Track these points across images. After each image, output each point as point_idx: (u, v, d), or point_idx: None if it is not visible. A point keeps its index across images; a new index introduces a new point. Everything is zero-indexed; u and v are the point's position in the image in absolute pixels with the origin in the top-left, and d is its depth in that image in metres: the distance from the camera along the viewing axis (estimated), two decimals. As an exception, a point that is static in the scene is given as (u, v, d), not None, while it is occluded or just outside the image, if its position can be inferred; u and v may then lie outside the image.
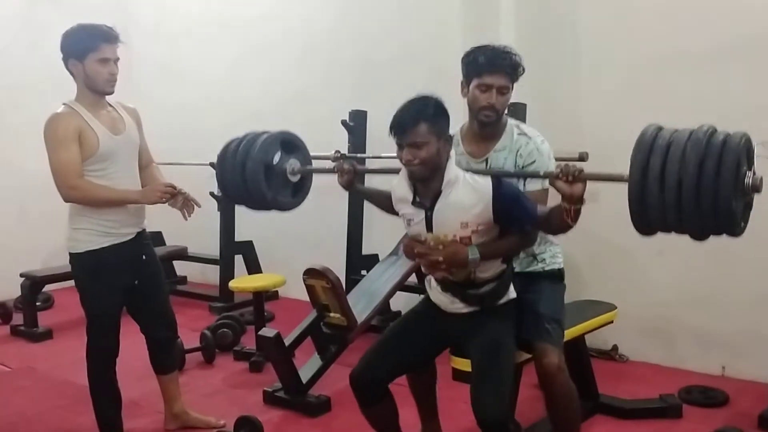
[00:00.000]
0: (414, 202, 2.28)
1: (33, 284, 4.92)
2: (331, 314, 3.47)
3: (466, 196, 2.19)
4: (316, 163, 3.18)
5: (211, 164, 5.17)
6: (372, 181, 2.79)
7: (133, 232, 2.90)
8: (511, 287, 2.36)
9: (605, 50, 3.93)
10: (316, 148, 3.54)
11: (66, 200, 2.76)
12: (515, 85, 2.44)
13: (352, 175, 2.62)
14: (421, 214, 2.26)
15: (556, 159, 2.53)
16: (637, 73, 3.79)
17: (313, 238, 5.33)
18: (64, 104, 2.80)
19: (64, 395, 3.71)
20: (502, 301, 2.34)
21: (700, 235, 2.00)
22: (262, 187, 2.84)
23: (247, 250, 5.48)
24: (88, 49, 2.71)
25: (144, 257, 2.97)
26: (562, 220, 2.10)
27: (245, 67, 5.76)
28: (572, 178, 2.03)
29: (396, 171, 2.39)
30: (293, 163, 2.97)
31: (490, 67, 2.35)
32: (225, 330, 4.29)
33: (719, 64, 3.51)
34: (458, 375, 2.57)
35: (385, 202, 2.51)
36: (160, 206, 2.93)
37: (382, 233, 4.71)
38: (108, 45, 2.75)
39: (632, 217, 2.00)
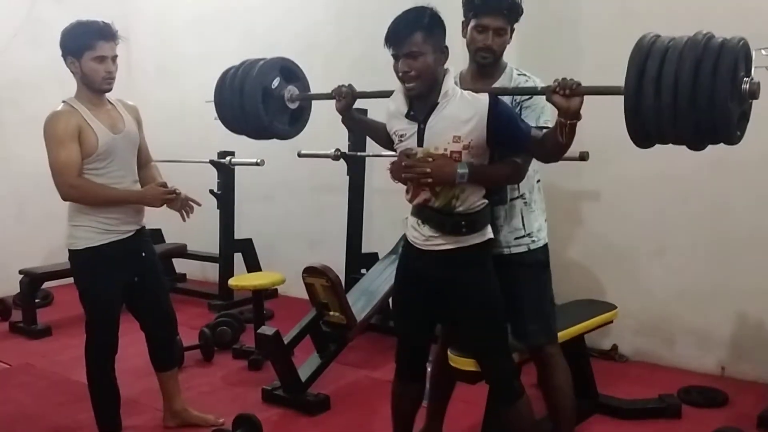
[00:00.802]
0: (408, 115, 2.24)
1: (32, 281, 4.92)
2: (331, 313, 3.47)
3: (461, 110, 2.16)
4: (321, 166, 3.15)
5: (211, 161, 5.20)
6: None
7: (132, 230, 2.89)
8: (489, 228, 2.28)
9: (605, 51, 3.89)
10: (317, 147, 3.57)
11: (65, 199, 2.75)
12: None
13: (350, 98, 2.55)
14: (413, 128, 2.22)
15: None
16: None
17: (313, 237, 5.33)
18: (63, 102, 2.79)
19: (63, 392, 3.70)
20: (478, 237, 2.25)
21: (696, 141, 1.96)
22: (260, 110, 2.79)
23: (247, 248, 5.48)
24: (84, 47, 2.69)
25: (143, 254, 2.96)
26: (556, 140, 2.08)
27: (246, 65, 5.75)
28: (569, 91, 2.02)
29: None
30: (292, 90, 2.92)
31: (487, 8, 2.30)
32: (224, 328, 4.28)
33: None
34: (458, 375, 2.56)
35: (379, 133, 2.47)
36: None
37: (381, 232, 4.71)
38: (105, 42, 2.72)
39: (628, 125, 1.97)
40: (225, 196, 5.33)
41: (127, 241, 2.86)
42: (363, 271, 4.49)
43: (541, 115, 2.34)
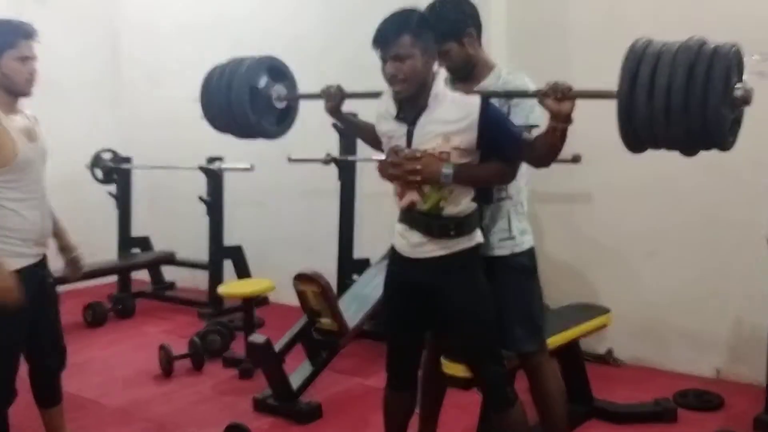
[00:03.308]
0: (397, 117, 2.21)
1: None
2: (322, 320, 3.44)
3: (451, 112, 2.13)
4: (313, 171, 3.12)
5: (200, 168, 5.16)
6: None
7: (41, 253, 2.60)
8: (478, 231, 2.26)
9: (596, 53, 3.91)
10: (307, 152, 3.55)
11: None
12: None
13: (339, 99, 2.53)
14: (402, 129, 2.19)
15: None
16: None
17: (304, 243, 5.29)
18: None
19: None
20: (467, 241, 2.21)
21: (688, 146, 1.95)
22: (247, 109, 2.74)
23: (237, 254, 5.43)
24: (5, 45, 2.46)
25: (49, 282, 2.66)
26: (548, 143, 2.07)
27: (234, 71, 5.72)
28: (561, 95, 2.01)
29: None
30: (279, 89, 2.88)
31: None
32: (214, 336, 4.23)
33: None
34: (451, 381, 2.53)
35: (369, 133, 2.44)
36: (147, 209, 2.85)
37: (373, 237, 4.68)
38: (27, 42, 2.51)
39: (620, 130, 1.96)
40: (214, 203, 5.29)
41: (36, 266, 2.55)
42: (355, 277, 4.47)
43: (530, 114, 2.31)
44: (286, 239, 5.43)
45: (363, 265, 4.51)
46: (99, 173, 5.80)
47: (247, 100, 2.74)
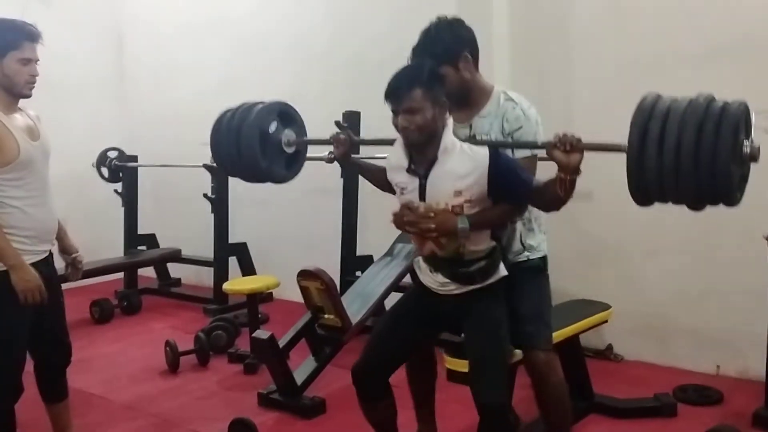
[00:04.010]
0: (409, 170, 2.25)
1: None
2: (326, 316, 3.46)
3: (461, 165, 2.16)
4: (314, 171, 3.14)
5: (204, 165, 5.19)
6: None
7: (47, 250, 2.63)
8: (501, 265, 2.31)
9: (599, 49, 3.94)
10: (310, 150, 3.52)
11: None
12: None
13: (347, 145, 2.55)
14: (414, 182, 2.23)
15: (547, 160, 2.52)
16: (631, 72, 3.79)
17: (308, 240, 5.33)
18: None
19: None
20: (493, 279, 2.28)
21: (696, 202, 1.97)
22: (257, 154, 2.76)
23: (241, 251, 5.47)
24: (9, 47, 2.48)
25: (53, 279, 2.67)
26: (556, 193, 2.06)
27: (239, 69, 5.75)
28: (569, 147, 2.00)
29: (391, 142, 2.36)
30: (289, 134, 2.91)
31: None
32: (219, 332, 4.27)
33: (713, 63, 3.51)
34: (453, 376, 2.56)
35: (379, 177, 2.47)
36: (153, 207, 2.87)
37: (376, 234, 4.71)
38: (31, 44, 2.52)
39: (630, 185, 1.97)
40: (219, 200, 5.33)
41: (42, 263, 2.58)
42: (358, 273, 4.49)
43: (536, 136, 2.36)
44: (290, 236, 5.46)
45: (366, 261, 4.54)
46: (105, 172, 5.85)
47: (257, 147, 2.76)
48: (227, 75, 5.83)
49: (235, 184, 5.37)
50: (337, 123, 3.86)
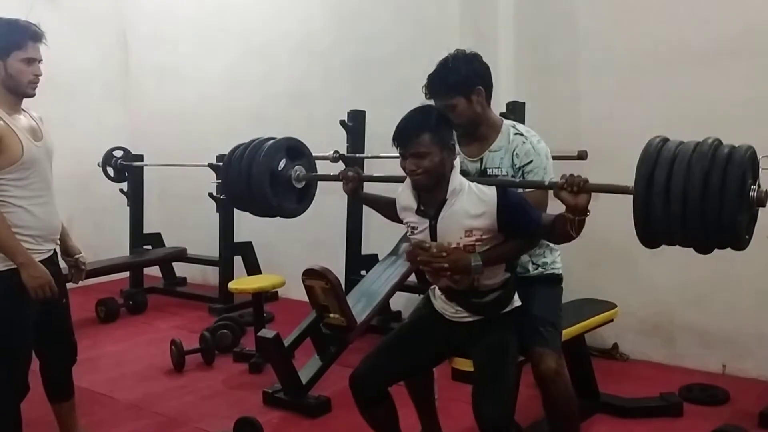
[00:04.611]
0: (418, 211, 2.28)
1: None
2: (331, 315, 3.46)
3: (471, 205, 2.19)
4: (319, 169, 3.18)
5: (210, 165, 5.20)
6: (374, 187, 2.81)
7: (52, 248, 2.64)
8: (516, 296, 2.35)
9: (604, 49, 3.93)
10: (315, 149, 3.55)
11: None
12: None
13: (356, 182, 2.59)
14: (425, 223, 2.26)
15: (555, 158, 2.52)
16: (636, 72, 3.79)
17: (313, 239, 5.33)
18: None
19: None
20: (507, 309, 2.33)
21: (704, 249, 2.00)
22: (267, 193, 2.83)
23: (247, 251, 5.48)
24: (12, 46, 2.48)
25: (58, 276, 2.65)
26: (565, 231, 2.08)
27: (243, 69, 5.76)
28: (577, 189, 2.02)
29: (400, 179, 2.38)
30: (298, 170, 2.97)
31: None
32: (224, 331, 4.28)
33: (719, 61, 3.50)
34: (458, 375, 2.55)
35: (389, 210, 2.49)
36: (158, 206, 2.88)
37: (381, 233, 4.70)
38: (34, 44, 2.53)
39: (637, 229, 1.99)
40: (224, 200, 5.33)
41: (48, 261, 2.58)
42: (363, 272, 4.49)
43: (544, 177, 2.39)
44: (295, 235, 5.45)
45: (371, 260, 4.53)
46: (111, 171, 5.86)
47: (267, 187, 2.82)
48: (232, 74, 5.84)
49: (240, 184, 5.39)
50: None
